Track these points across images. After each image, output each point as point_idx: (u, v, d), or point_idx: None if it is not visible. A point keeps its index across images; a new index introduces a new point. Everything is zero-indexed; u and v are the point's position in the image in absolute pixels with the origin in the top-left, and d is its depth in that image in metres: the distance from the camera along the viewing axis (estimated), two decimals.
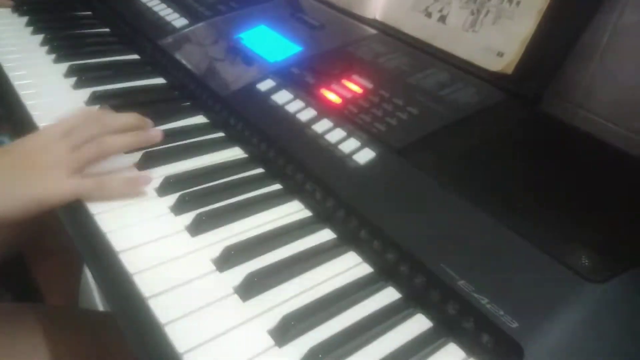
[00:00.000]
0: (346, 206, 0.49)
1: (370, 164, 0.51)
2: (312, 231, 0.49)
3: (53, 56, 0.73)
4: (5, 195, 0.46)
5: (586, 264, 0.39)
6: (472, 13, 0.66)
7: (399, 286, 0.44)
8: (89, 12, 0.91)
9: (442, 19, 0.69)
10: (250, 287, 0.42)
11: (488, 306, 0.38)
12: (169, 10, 0.80)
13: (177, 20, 0.77)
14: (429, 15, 0.71)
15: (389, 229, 0.45)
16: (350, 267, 0.46)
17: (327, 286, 0.44)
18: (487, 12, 0.65)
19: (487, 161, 0.51)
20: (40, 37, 0.77)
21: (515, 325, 0.36)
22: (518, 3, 0.62)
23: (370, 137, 0.53)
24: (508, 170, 0.50)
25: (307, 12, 0.78)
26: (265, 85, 0.62)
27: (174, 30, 0.76)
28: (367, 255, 0.47)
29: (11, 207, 0.46)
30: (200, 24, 0.76)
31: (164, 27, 0.77)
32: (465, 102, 0.58)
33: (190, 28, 0.75)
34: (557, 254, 0.39)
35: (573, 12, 0.59)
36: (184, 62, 0.69)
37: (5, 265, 0.91)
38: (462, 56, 0.66)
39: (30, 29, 0.80)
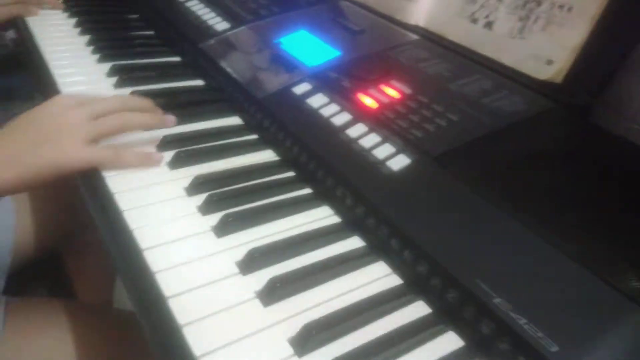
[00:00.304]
0: (377, 213, 0.47)
1: (405, 171, 0.49)
2: (341, 238, 0.47)
3: (97, 56, 0.75)
4: (22, 159, 0.47)
5: (637, 286, 0.36)
6: (521, 19, 0.63)
7: (429, 300, 0.42)
8: (136, 15, 0.93)
9: (489, 25, 0.67)
10: (273, 293, 0.40)
11: (526, 327, 0.35)
12: (212, 14, 0.80)
13: (219, 24, 0.78)
14: (474, 21, 0.68)
15: (421, 239, 0.43)
16: (379, 277, 0.44)
17: (353, 296, 0.42)
18: (537, 18, 0.62)
19: (530, 173, 0.48)
20: (87, 38, 0.79)
21: (554, 348, 0.33)
22: (570, 9, 0.59)
23: (406, 143, 0.51)
24: (553, 184, 0.47)
25: (348, 18, 0.77)
26: (300, 88, 0.61)
27: (215, 33, 0.76)
28: (397, 266, 0.45)
29: (27, 171, 0.47)
30: (241, 28, 0.76)
31: (205, 31, 0.77)
32: (509, 110, 0.55)
33: (231, 32, 0.75)
34: (604, 274, 0.36)
35: (628, 19, 0.55)
36: (222, 64, 0.69)
37: (41, 261, 0.93)
38: (508, 63, 0.63)
39: (79, 29, 0.83)
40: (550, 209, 0.44)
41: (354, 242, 0.47)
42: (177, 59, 0.79)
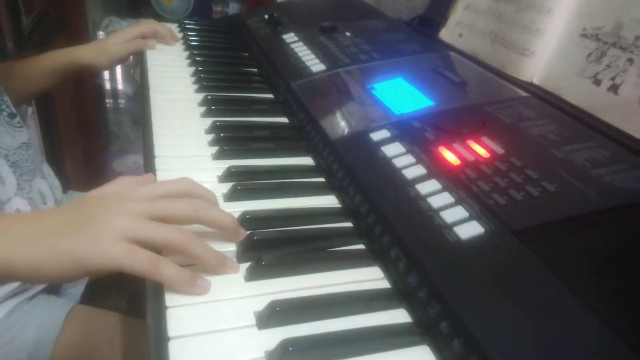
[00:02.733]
0: (430, 286, 0.39)
1: (474, 242, 0.41)
2: (384, 307, 0.40)
3: (196, 86, 0.77)
4: (43, 241, 0.38)
5: None
6: None
7: None
8: (246, 54, 0.95)
9: (614, 88, 0.56)
10: (285, 359, 0.34)
11: None
12: (312, 56, 0.79)
13: (316, 66, 0.76)
14: (597, 83, 0.59)
15: (477, 329, 0.34)
16: None
17: None
18: None
19: (637, 270, 0.37)
20: (192, 69, 0.83)
21: None
22: None
23: (482, 210, 0.43)
24: None
25: (452, 69, 0.71)
26: (378, 135, 0.55)
27: (309, 74, 0.75)
28: (444, 356, 0.36)
29: (43, 256, 0.37)
30: (336, 70, 0.73)
31: (301, 71, 0.76)
32: (624, 187, 0.44)
33: (325, 73, 0.73)
34: None
35: None
36: (306, 103, 0.67)
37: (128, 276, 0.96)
38: (632, 133, 0.52)
39: (188, 61, 0.87)
40: None
41: (399, 316, 0.39)
42: (269, 96, 0.78)
